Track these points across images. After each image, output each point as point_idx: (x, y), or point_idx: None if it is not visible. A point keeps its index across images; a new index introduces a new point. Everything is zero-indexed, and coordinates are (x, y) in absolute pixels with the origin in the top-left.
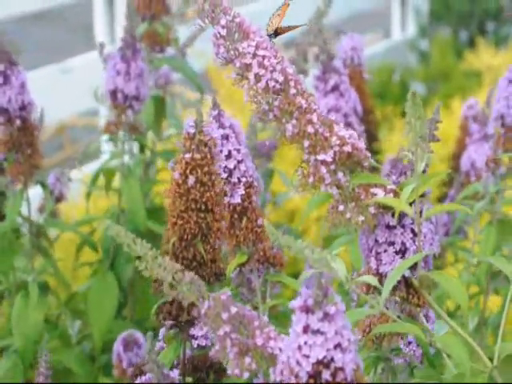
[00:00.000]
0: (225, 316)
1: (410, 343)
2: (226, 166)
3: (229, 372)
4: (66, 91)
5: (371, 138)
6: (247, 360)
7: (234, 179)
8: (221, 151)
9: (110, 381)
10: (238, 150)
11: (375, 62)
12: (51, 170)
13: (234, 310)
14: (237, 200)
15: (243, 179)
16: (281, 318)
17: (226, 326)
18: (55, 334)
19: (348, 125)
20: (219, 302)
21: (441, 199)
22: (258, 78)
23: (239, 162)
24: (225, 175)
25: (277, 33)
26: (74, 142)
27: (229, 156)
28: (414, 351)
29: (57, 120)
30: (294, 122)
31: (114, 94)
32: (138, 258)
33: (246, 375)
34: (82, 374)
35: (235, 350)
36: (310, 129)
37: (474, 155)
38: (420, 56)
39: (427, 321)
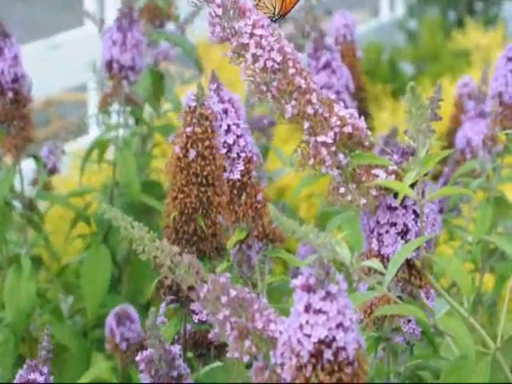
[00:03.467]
0: (224, 299)
1: (409, 321)
2: (225, 141)
3: (228, 354)
4: (53, 67)
5: (363, 115)
6: (247, 343)
7: (234, 154)
8: (220, 126)
9: (103, 355)
10: (238, 125)
11: (363, 41)
12: (38, 144)
13: (233, 293)
14: (236, 176)
15: (242, 154)
16: (274, 294)
17: (225, 309)
18: (47, 308)
19: (340, 102)
20: (218, 285)
21: (435, 177)
22: (255, 57)
23: (238, 136)
24: (224, 150)
25: (283, 15)
26: (61, 117)
27: (228, 131)
28: (414, 329)
29: (44, 96)
30: (293, 102)
31: (109, 64)
32: None
33: (246, 358)
34: (74, 349)
35: (235, 333)
36: (309, 109)
37: (470, 133)
38: (408, 36)
39: (427, 298)
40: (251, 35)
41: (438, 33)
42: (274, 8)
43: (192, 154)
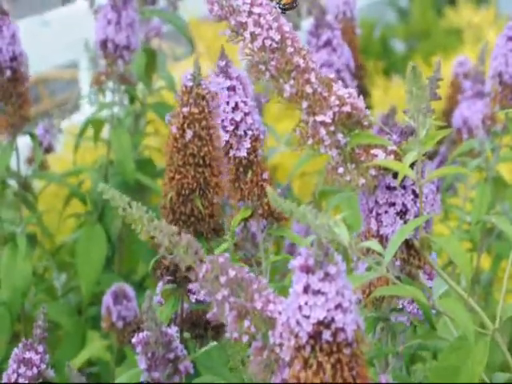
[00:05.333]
0: (223, 279)
1: (412, 301)
2: (232, 119)
3: (227, 334)
4: (43, 44)
5: (363, 93)
6: (246, 323)
7: (241, 132)
8: (227, 103)
9: (98, 334)
10: (245, 102)
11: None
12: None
13: (232, 273)
14: (243, 153)
15: (249, 132)
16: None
17: (224, 289)
18: (41, 286)
19: (340, 80)
20: (217, 264)
21: (430, 156)
22: (253, 36)
23: (246, 114)
24: (231, 128)
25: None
26: (52, 94)
27: (236, 108)
28: (417, 310)
29: (35, 73)
30: (291, 82)
31: (104, 43)
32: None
33: (245, 339)
34: (68, 327)
35: (234, 313)
36: (308, 89)
37: (467, 112)
38: (400, 13)
39: (428, 278)
40: (249, 13)
41: (429, 10)
42: None
43: (189, 134)
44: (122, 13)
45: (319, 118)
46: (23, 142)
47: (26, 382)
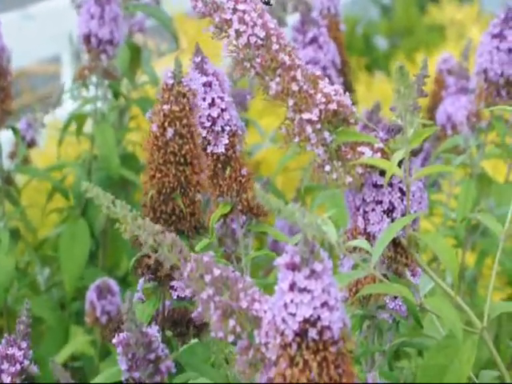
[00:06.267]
0: (208, 278)
1: (395, 298)
2: (209, 115)
3: (212, 334)
4: (27, 38)
5: (348, 89)
6: (231, 323)
7: (218, 128)
8: (204, 99)
9: (82, 329)
10: (222, 98)
11: None
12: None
13: (217, 272)
14: (220, 149)
15: (227, 128)
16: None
17: (209, 288)
18: (24, 281)
19: (326, 77)
20: (201, 263)
21: (415, 153)
22: (238, 33)
23: (223, 110)
24: (208, 124)
25: None
26: (33, 89)
27: (212, 104)
28: (400, 306)
29: (18, 67)
30: (277, 79)
31: (87, 38)
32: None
33: (231, 338)
34: (52, 322)
35: (219, 312)
36: (294, 86)
37: (451, 108)
38: (382, 10)
39: (413, 276)
40: (234, 10)
41: (412, 7)
42: None
43: (169, 132)
44: (106, 7)
45: (305, 116)
46: (6, 136)
47: (10, 378)
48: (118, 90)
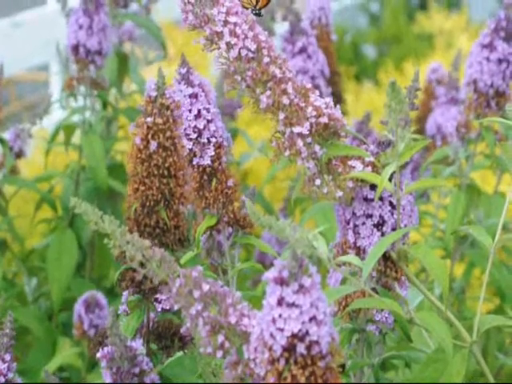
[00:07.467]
0: (196, 294)
1: (382, 310)
2: (195, 126)
3: (201, 350)
4: (15, 46)
5: (337, 99)
6: (220, 338)
7: (204, 139)
8: (190, 111)
9: (69, 340)
10: (208, 110)
11: None
12: None
13: (205, 287)
14: (206, 161)
15: (213, 139)
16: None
17: (197, 304)
18: (12, 292)
19: (315, 87)
20: (190, 279)
21: (404, 164)
22: (229, 46)
23: (209, 121)
24: (194, 135)
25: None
26: (21, 97)
27: (198, 115)
28: (386, 318)
29: (6, 75)
30: (268, 93)
31: (75, 48)
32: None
33: (220, 354)
34: (39, 333)
35: (207, 328)
36: (285, 100)
37: (440, 119)
38: (371, 18)
39: (400, 287)
40: (225, 23)
41: (400, 15)
42: (256, 2)
43: (153, 145)
44: (94, 18)
45: (296, 130)
46: None
47: None
48: (106, 100)
